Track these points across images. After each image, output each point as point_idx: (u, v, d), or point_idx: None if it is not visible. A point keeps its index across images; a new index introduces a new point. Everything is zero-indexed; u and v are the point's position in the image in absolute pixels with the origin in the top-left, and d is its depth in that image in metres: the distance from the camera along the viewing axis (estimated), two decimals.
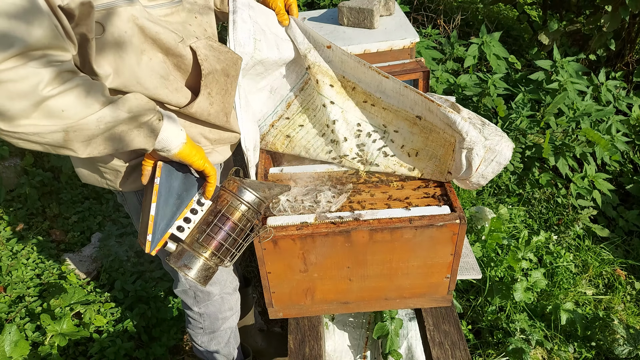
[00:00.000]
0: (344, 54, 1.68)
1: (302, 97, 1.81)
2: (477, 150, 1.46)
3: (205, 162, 1.26)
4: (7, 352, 1.97)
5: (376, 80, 1.66)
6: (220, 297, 1.72)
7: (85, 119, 1.01)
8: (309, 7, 3.62)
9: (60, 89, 0.96)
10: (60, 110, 0.97)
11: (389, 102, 1.68)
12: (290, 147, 1.75)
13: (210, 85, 1.29)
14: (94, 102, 1.02)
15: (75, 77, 1.00)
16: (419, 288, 1.60)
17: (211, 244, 1.27)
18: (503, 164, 1.51)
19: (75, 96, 0.99)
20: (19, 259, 2.58)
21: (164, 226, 1.24)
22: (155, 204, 1.22)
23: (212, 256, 1.28)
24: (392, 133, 1.70)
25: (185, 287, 1.68)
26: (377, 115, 1.72)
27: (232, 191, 1.30)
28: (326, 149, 1.72)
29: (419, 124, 1.64)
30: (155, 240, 1.23)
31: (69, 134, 1.01)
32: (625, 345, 2.16)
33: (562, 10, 3.70)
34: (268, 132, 1.79)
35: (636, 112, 3.20)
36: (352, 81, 1.72)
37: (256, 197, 1.32)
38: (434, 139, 1.62)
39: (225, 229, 1.28)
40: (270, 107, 1.82)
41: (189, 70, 1.27)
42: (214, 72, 1.29)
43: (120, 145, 1.10)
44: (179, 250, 1.27)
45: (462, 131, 1.46)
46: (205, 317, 1.76)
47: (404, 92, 1.62)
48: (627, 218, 2.93)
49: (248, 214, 1.32)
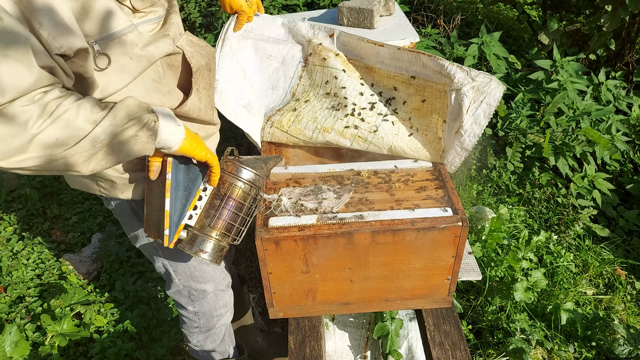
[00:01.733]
0: (346, 36, 1.90)
1: (304, 81, 1.95)
2: (465, 90, 1.56)
3: (206, 152, 1.27)
4: (7, 352, 1.97)
5: (374, 52, 1.85)
6: (214, 294, 1.74)
7: (80, 143, 1.01)
8: (308, 7, 3.62)
9: (50, 121, 0.97)
10: (54, 139, 0.98)
11: (387, 71, 1.84)
12: (297, 121, 1.81)
13: (199, 81, 1.34)
14: (85, 123, 1.02)
15: (63, 103, 1.00)
16: (419, 289, 1.60)
17: (219, 225, 1.34)
18: (493, 105, 1.57)
19: (66, 122, 0.99)
20: (19, 259, 2.58)
21: (177, 219, 1.30)
22: (169, 199, 1.27)
23: (222, 236, 1.35)
24: (391, 97, 1.84)
25: (179, 287, 1.68)
26: (378, 84, 1.87)
27: (231, 172, 1.35)
28: (333, 114, 1.81)
29: (414, 84, 1.78)
30: (172, 233, 1.29)
31: (67, 159, 1.02)
32: (626, 345, 2.16)
33: (562, 10, 3.69)
34: (274, 114, 1.86)
35: (636, 111, 3.20)
36: (354, 59, 1.92)
37: (254, 174, 1.38)
38: (429, 94, 1.75)
39: (229, 208, 1.35)
40: (277, 101, 1.96)
41: (180, 67, 1.31)
42: (201, 67, 1.34)
43: (122, 156, 1.11)
44: (190, 236, 1.33)
45: (451, 73, 1.60)
46: (200, 315, 1.77)
47: (399, 55, 1.79)
48: (627, 218, 2.93)
49: (248, 190, 1.38)
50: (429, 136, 1.71)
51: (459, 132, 1.58)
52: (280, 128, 1.81)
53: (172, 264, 1.62)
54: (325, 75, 1.89)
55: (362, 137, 1.73)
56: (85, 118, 1.02)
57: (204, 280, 1.68)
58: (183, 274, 1.65)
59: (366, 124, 1.75)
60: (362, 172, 1.68)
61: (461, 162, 1.65)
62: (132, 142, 1.10)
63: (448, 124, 1.64)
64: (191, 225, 1.33)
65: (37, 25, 0.94)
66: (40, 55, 0.95)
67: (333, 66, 1.88)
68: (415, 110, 1.78)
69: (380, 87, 1.88)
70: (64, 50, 0.98)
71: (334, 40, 1.93)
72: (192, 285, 1.67)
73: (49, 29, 0.95)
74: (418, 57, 1.74)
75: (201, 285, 1.68)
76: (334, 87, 1.86)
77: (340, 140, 1.75)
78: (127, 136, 1.08)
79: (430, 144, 1.70)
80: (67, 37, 0.99)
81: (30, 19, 0.93)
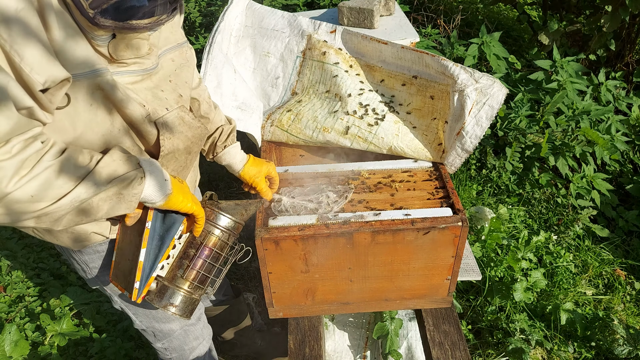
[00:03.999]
0: (348, 33, 1.89)
1: (303, 78, 1.96)
2: (469, 92, 1.56)
3: (192, 204, 1.18)
4: (7, 351, 1.97)
5: (377, 50, 1.83)
6: (182, 330, 1.63)
7: (58, 202, 0.93)
8: (308, 7, 3.62)
9: (26, 179, 0.89)
10: (29, 196, 0.89)
11: (389, 69, 1.84)
12: (297, 120, 1.81)
13: (168, 163, 1.23)
14: (67, 181, 0.94)
15: (43, 158, 0.92)
16: (419, 289, 1.60)
17: (192, 276, 1.24)
18: (496, 108, 1.57)
19: (45, 179, 0.91)
20: (19, 259, 2.58)
21: (149, 270, 1.19)
22: (145, 250, 1.16)
23: (194, 288, 1.25)
24: (392, 96, 1.84)
25: (142, 327, 1.58)
26: (379, 83, 1.86)
27: (208, 219, 1.26)
28: (333, 113, 1.80)
29: (416, 83, 1.78)
30: (142, 287, 1.19)
31: (41, 218, 0.94)
32: (625, 345, 2.16)
33: (562, 10, 3.69)
34: (274, 112, 1.84)
35: (636, 112, 3.20)
36: (355, 57, 1.90)
37: (233, 221, 1.28)
38: (431, 94, 1.74)
39: (205, 258, 1.25)
40: (276, 99, 1.97)
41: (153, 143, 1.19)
42: (175, 151, 1.22)
43: (100, 214, 1.03)
44: (159, 287, 1.23)
45: (454, 74, 1.59)
46: (170, 350, 1.66)
47: (402, 54, 1.78)
48: (627, 218, 2.93)
49: (226, 238, 1.29)
50: (430, 136, 1.71)
51: (460, 133, 1.58)
52: (281, 127, 1.81)
53: (130, 307, 1.50)
54: (325, 73, 1.89)
55: (362, 137, 1.73)
56: (67, 176, 0.94)
57: (168, 320, 1.56)
58: (144, 317, 1.53)
59: (366, 123, 1.74)
60: (362, 172, 1.68)
61: (462, 163, 1.65)
62: (114, 200, 1.03)
63: (450, 124, 1.64)
64: (161, 276, 1.23)
65: (17, 60, 0.85)
66: (18, 98, 0.86)
67: (333, 63, 1.87)
68: (416, 110, 1.77)
69: (381, 86, 1.87)
70: (48, 84, 0.89)
71: (335, 36, 1.93)
72: (155, 326, 1.56)
73: (31, 62, 0.86)
74: (421, 56, 1.73)
75: (165, 326, 1.57)
76: (334, 86, 1.86)
77: (341, 140, 1.75)
78: (110, 194, 1.01)
79: (431, 145, 1.70)
80: (50, 68, 0.89)
81: (9, 53, 0.84)
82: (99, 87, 1.01)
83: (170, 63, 1.22)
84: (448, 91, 1.67)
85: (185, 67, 1.28)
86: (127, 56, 1.05)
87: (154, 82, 1.16)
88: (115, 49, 1.02)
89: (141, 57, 1.09)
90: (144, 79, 1.13)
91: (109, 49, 1.02)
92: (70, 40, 0.94)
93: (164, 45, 1.21)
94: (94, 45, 1.00)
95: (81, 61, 0.96)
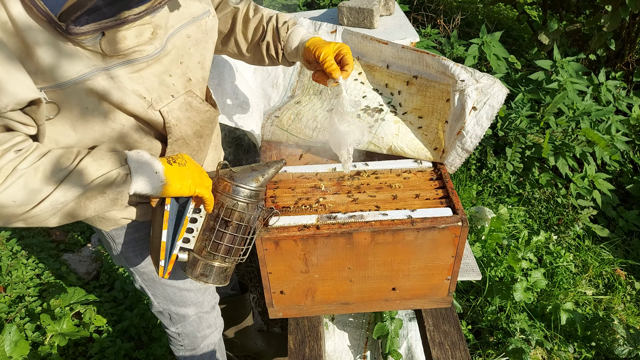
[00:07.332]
0: (348, 33, 1.89)
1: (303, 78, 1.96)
2: (469, 91, 1.56)
3: (195, 187, 1.15)
4: (7, 351, 1.97)
5: (377, 50, 1.83)
6: (196, 316, 1.66)
7: (38, 206, 0.95)
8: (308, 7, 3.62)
9: (6, 184, 0.91)
10: (11, 201, 0.92)
11: (389, 69, 1.84)
12: (297, 119, 1.81)
13: (180, 149, 1.22)
14: (44, 186, 0.95)
15: (17, 167, 0.93)
16: (419, 289, 1.60)
17: (220, 249, 1.27)
18: (496, 108, 1.58)
19: (23, 184, 0.93)
20: (19, 259, 2.58)
21: (170, 249, 1.24)
22: (167, 231, 1.20)
23: (221, 259, 1.27)
24: (392, 96, 1.84)
25: (159, 309, 1.62)
26: (379, 82, 1.86)
27: (225, 192, 1.24)
28: None
29: (416, 83, 1.78)
30: (166, 264, 1.23)
31: (28, 220, 0.97)
32: (625, 345, 2.16)
33: (562, 10, 3.69)
34: (274, 112, 1.85)
35: (636, 112, 3.20)
36: (355, 57, 1.89)
37: (250, 190, 1.25)
38: (431, 94, 1.74)
39: (228, 231, 1.26)
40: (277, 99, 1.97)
41: (160, 131, 1.17)
42: (185, 137, 1.20)
43: (89, 214, 1.03)
44: (191, 259, 1.27)
45: (455, 74, 1.59)
46: (183, 335, 1.70)
47: (402, 54, 1.77)
48: (627, 218, 2.93)
49: (247, 209, 1.26)
50: (430, 136, 1.71)
51: (460, 133, 1.58)
52: (281, 126, 1.81)
53: (150, 287, 1.55)
54: None
55: None
56: (44, 181, 0.95)
57: (184, 304, 1.60)
58: (162, 298, 1.57)
59: (366, 123, 1.74)
60: (362, 172, 1.67)
61: (462, 163, 1.64)
62: (99, 200, 1.02)
63: (450, 124, 1.64)
64: (191, 248, 1.27)
65: None
66: None
67: None
68: (416, 110, 1.77)
69: (381, 86, 1.87)
70: (10, 108, 0.88)
71: (335, 36, 1.93)
72: (172, 309, 1.60)
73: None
74: (422, 56, 1.73)
75: (181, 310, 1.61)
76: None
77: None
78: (93, 194, 1.01)
79: (431, 144, 1.70)
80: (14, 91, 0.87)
81: None
82: (91, 92, 0.99)
83: (186, 40, 1.13)
84: (448, 91, 1.67)
85: (203, 42, 1.19)
86: (125, 47, 0.97)
87: (164, 65, 1.09)
88: (109, 45, 0.96)
89: (141, 44, 1.00)
90: (149, 65, 1.06)
91: (102, 47, 0.95)
92: (54, 54, 0.91)
93: (177, 22, 1.10)
94: (85, 47, 0.94)
95: (65, 70, 0.93)
